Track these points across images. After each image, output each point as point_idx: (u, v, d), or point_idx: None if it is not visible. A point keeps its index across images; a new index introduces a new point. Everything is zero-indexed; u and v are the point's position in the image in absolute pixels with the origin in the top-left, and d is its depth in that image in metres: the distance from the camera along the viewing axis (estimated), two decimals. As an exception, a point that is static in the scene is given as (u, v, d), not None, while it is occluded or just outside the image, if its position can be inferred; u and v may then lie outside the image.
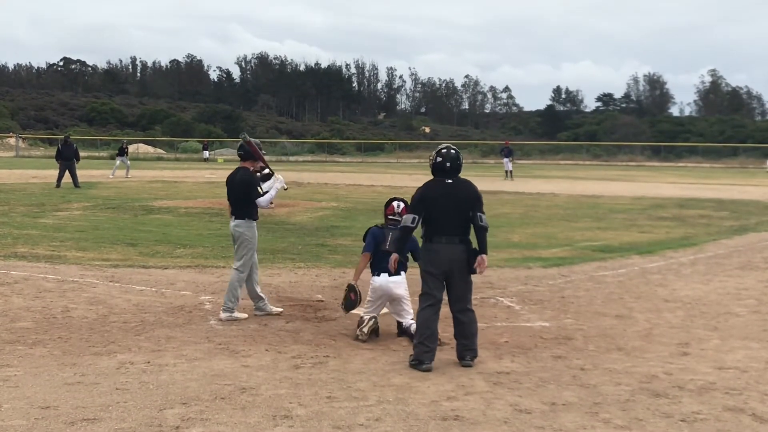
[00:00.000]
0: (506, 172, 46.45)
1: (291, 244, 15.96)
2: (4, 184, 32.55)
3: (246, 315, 9.63)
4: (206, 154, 74.15)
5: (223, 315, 9.51)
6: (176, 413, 6.09)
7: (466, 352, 7.68)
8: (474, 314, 7.84)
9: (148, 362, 7.49)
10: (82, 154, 38.21)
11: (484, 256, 7.69)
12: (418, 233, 7.99)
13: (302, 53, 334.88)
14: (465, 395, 6.67)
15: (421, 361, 7.49)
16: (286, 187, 10.46)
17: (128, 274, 12.39)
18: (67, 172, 31.57)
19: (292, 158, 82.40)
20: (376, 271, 8.89)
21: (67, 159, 31.69)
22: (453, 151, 8.06)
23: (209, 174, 45.74)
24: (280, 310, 9.93)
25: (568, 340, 8.71)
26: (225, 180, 10.07)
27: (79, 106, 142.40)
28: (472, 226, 7.78)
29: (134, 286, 11.40)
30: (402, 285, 8.81)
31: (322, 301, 10.64)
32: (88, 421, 5.90)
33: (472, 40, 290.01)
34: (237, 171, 9.89)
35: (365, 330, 8.60)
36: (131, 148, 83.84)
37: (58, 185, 30.91)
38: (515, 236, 18.00)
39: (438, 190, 7.82)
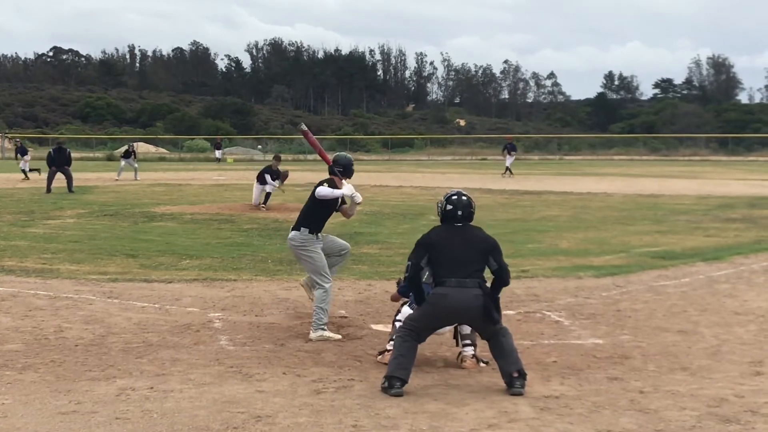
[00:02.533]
0: (507, 168, 46.09)
1: (310, 253, 15.97)
2: (-10, 190, 32.85)
3: (339, 336, 9.62)
4: (219, 153, 73.73)
5: (312, 335, 9.52)
6: (183, 445, 6.11)
7: (514, 379, 7.54)
8: (503, 337, 7.79)
9: (152, 388, 7.52)
10: (75, 155, 38.53)
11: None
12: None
13: (319, 38, 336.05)
14: (508, 422, 6.65)
15: (392, 386, 7.43)
16: (359, 200, 10.19)
17: (128, 289, 12.45)
18: (51, 175, 31.84)
19: (310, 156, 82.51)
20: None
21: (59, 165, 31.99)
22: (464, 198, 8.21)
23: (217, 176, 45.96)
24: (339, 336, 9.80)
25: (624, 360, 8.66)
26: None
27: (71, 102, 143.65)
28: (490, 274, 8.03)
29: (135, 302, 11.45)
30: None
31: (345, 317, 10.64)
32: (85, 454, 5.94)
33: (506, 20, 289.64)
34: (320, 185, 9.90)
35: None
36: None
37: (48, 190, 31.05)
38: (563, 242, 17.94)
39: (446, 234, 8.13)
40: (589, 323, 10.38)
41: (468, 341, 8.58)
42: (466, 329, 8.51)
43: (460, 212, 8.10)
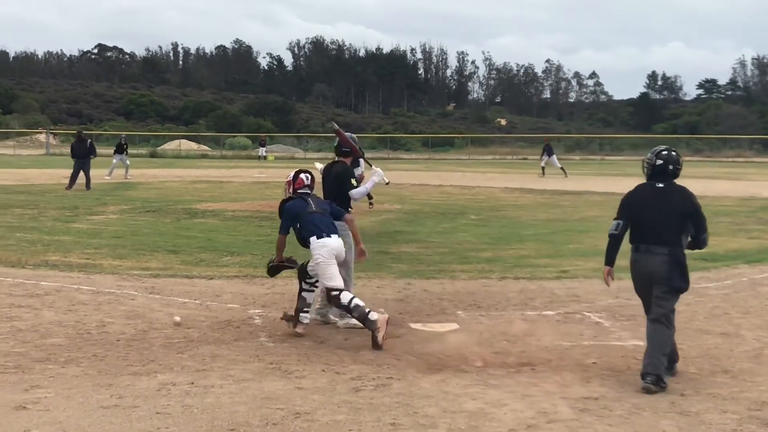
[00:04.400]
0: (542, 168, 45.73)
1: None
2: (34, 185, 33.17)
3: (384, 310, 9.93)
4: (262, 151, 73.60)
5: (340, 322, 9.87)
6: (223, 440, 6.14)
7: (645, 375, 7.64)
8: (660, 326, 7.89)
9: (192, 383, 7.57)
10: (118, 151, 38.63)
11: None
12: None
13: (361, 37, 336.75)
14: (547, 423, 6.63)
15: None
16: (387, 181, 10.60)
17: (170, 284, 12.54)
18: (76, 170, 31.52)
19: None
20: (324, 234, 9.58)
21: (80, 157, 31.74)
22: (674, 153, 8.26)
23: (258, 173, 46.14)
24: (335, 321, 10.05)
25: (665, 362, 8.59)
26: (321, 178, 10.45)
27: (115, 98, 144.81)
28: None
29: (176, 298, 11.53)
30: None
31: (384, 315, 10.63)
32: (126, 448, 5.99)
33: (546, 19, 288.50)
34: (332, 165, 10.31)
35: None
36: (172, 145, 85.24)
37: (69, 186, 30.81)
38: (604, 243, 17.79)
39: (645, 194, 8.18)
40: (630, 325, 10.31)
41: (306, 309, 9.52)
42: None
43: (670, 167, 8.13)
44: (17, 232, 17.75)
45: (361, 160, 11.31)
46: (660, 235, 7.90)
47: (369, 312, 9.10)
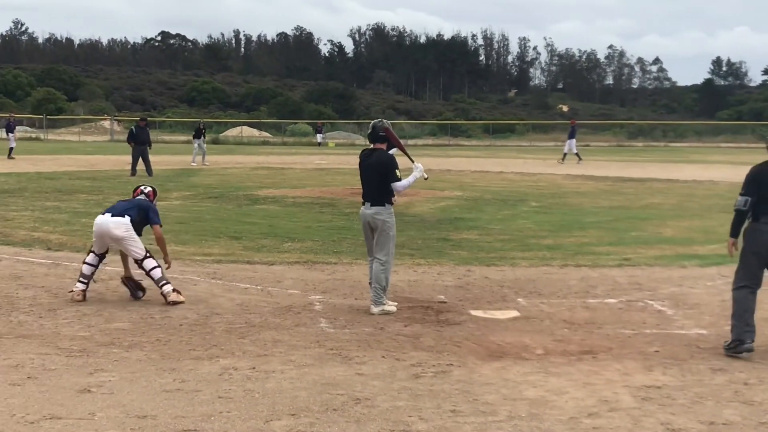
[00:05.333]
0: (567, 154, 45.01)
1: (410, 238, 15.99)
2: (98, 172, 33.62)
3: (396, 304, 10.04)
4: (320, 137, 74.27)
5: (374, 309, 9.88)
6: (284, 425, 6.19)
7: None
8: None
9: (254, 368, 7.64)
10: (181, 137, 38.98)
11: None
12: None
13: (422, 23, 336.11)
14: (609, 411, 6.58)
15: (742, 341, 8.13)
16: (426, 176, 10.55)
17: (231, 270, 12.65)
18: (136, 155, 31.82)
19: (410, 141, 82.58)
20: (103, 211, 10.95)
21: (141, 143, 31.98)
22: None
23: (319, 160, 46.30)
24: (395, 307, 10.10)
25: (729, 351, 8.49)
26: (359, 162, 10.30)
27: (178, 86, 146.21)
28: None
29: (238, 283, 11.63)
30: (123, 226, 10.60)
31: (444, 302, 10.64)
32: None
33: (608, 5, 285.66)
34: (372, 152, 10.16)
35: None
36: (234, 131, 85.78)
37: (133, 173, 31.24)
38: (667, 230, 17.65)
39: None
40: (693, 313, 10.20)
41: (164, 281, 10.41)
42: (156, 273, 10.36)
43: None
44: (82, 218, 17.97)
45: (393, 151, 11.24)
46: None
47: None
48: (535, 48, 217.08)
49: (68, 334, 8.86)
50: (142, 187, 11.64)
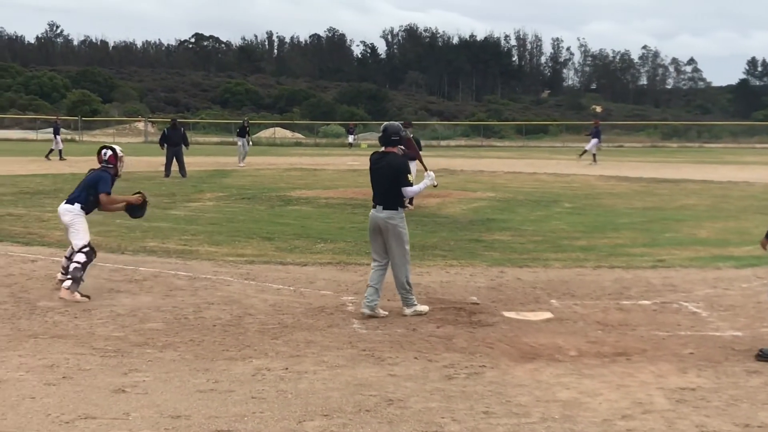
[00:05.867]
0: (593, 155, 44.70)
1: (442, 239, 16.00)
2: (132, 173, 33.73)
3: (427, 307, 10.02)
4: (351, 138, 74.45)
5: (407, 311, 9.86)
6: (317, 426, 6.20)
7: None
8: None
9: (286, 369, 7.66)
10: (214, 138, 39.10)
11: None
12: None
13: (454, 24, 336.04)
14: (643, 414, 6.55)
15: None
16: (436, 183, 10.54)
17: (264, 271, 12.70)
18: (169, 157, 31.90)
19: (443, 142, 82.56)
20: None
21: (174, 144, 32.07)
22: None
23: (352, 161, 46.35)
24: (386, 314, 9.96)
25: (765, 353, 8.42)
26: (369, 165, 10.18)
27: (211, 87, 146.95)
28: None
29: (271, 284, 11.66)
30: (69, 214, 11.10)
31: (477, 303, 10.62)
32: (221, 432, 6.08)
33: (641, 5, 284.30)
34: (384, 155, 10.01)
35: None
36: (267, 133, 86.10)
37: (167, 174, 31.45)
38: (702, 231, 17.53)
39: None
40: (728, 315, 10.13)
41: (69, 278, 10.62)
42: (71, 267, 10.67)
43: None
44: (117, 219, 18.09)
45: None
46: None
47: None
48: (568, 48, 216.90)
49: (103, 334, 8.93)
50: (103, 153, 11.82)
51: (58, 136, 44.67)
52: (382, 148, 10.16)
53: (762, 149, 72.42)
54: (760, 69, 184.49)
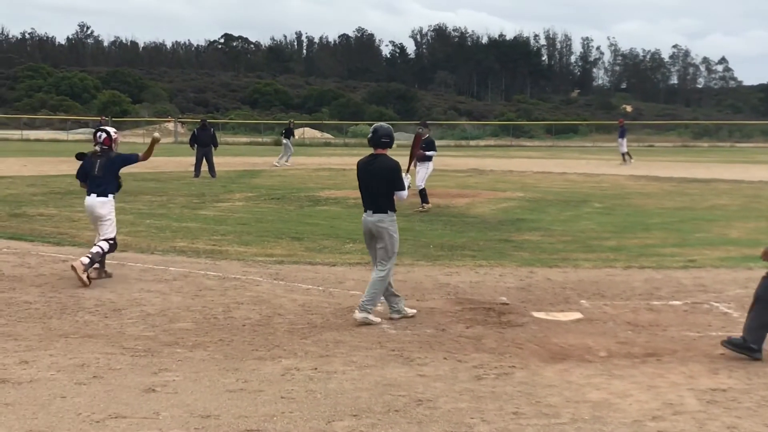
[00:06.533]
0: (623, 155, 44.39)
1: (471, 239, 15.98)
2: (162, 173, 33.96)
3: (379, 319, 9.69)
4: None
5: (358, 315, 9.55)
6: (346, 426, 6.21)
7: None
8: None
9: (316, 369, 7.67)
10: (243, 139, 39.21)
11: None
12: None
13: (483, 24, 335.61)
14: (673, 415, 6.51)
15: None
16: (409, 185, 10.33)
17: (293, 271, 12.72)
18: (199, 157, 32.00)
19: (472, 142, 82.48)
20: (88, 192, 11.99)
21: (203, 145, 32.16)
22: None
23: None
24: (415, 311, 9.92)
25: (797, 354, 8.36)
26: (357, 169, 10.05)
27: (240, 88, 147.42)
28: None
29: (300, 284, 11.69)
30: (106, 205, 11.88)
31: (507, 304, 10.59)
32: None
33: (672, 3, 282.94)
34: (375, 158, 9.86)
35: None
36: (296, 133, 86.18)
37: (196, 174, 31.58)
38: (733, 232, 17.40)
39: None
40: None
41: (89, 256, 11.42)
42: (94, 249, 11.54)
43: None
44: (147, 219, 18.22)
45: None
46: None
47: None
48: (598, 48, 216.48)
49: (133, 333, 8.98)
50: (98, 135, 12.43)
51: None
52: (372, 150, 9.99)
53: (794, 149, 71.82)
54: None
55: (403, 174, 9.99)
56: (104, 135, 12.27)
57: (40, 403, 6.66)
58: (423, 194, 20.62)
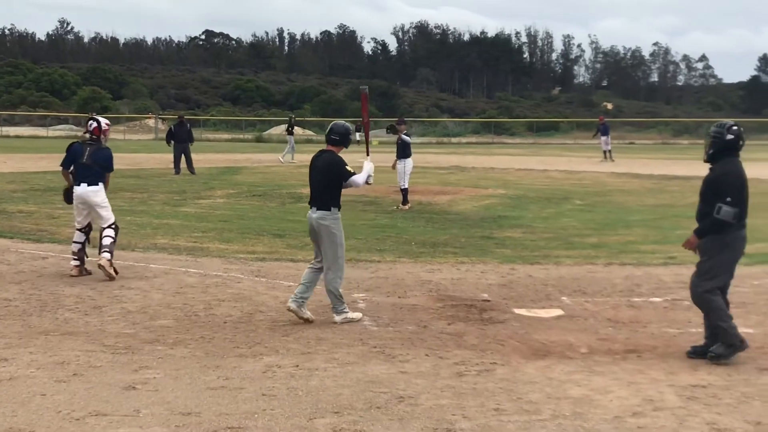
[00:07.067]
0: (604, 152, 44.66)
1: (453, 236, 16.00)
2: (143, 170, 33.87)
3: (360, 314, 9.69)
4: (358, 135, 74.50)
5: (337, 318, 9.51)
6: (327, 423, 6.21)
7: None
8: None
9: (297, 366, 7.67)
10: (225, 136, 39.21)
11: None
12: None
13: (465, 21, 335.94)
14: (653, 411, 6.54)
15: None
16: (371, 182, 10.32)
17: (275, 268, 12.71)
18: (177, 154, 31.98)
19: (454, 139, 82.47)
20: (77, 182, 12.00)
21: (181, 141, 32.07)
22: (741, 128, 8.13)
23: (362, 158, 46.29)
24: (311, 316, 9.59)
25: (776, 351, 8.41)
26: (309, 164, 10.03)
27: (222, 84, 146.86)
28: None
29: (281, 281, 11.68)
30: (99, 193, 12.02)
31: (488, 300, 10.61)
32: (232, 429, 6.09)
33: (653, 1, 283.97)
34: (321, 154, 9.88)
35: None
36: (278, 130, 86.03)
37: (176, 171, 31.48)
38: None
39: (744, 173, 8.10)
40: (740, 312, 10.06)
41: (107, 250, 11.57)
42: (106, 241, 11.66)
43: (741, 143, 8.10)
44: (127, 216, 18.15)
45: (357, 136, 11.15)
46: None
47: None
48: (579, 45, 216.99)
49: (113, 331, 8.95)
50: (88, 124, 12.54)
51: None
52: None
53: (774, 146, 72.17)
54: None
55: (366, 162, 10.19)
56: (94, 124, 12.35)
57: (19, 401, 6.63)
58: (405, 194, 20.63)
